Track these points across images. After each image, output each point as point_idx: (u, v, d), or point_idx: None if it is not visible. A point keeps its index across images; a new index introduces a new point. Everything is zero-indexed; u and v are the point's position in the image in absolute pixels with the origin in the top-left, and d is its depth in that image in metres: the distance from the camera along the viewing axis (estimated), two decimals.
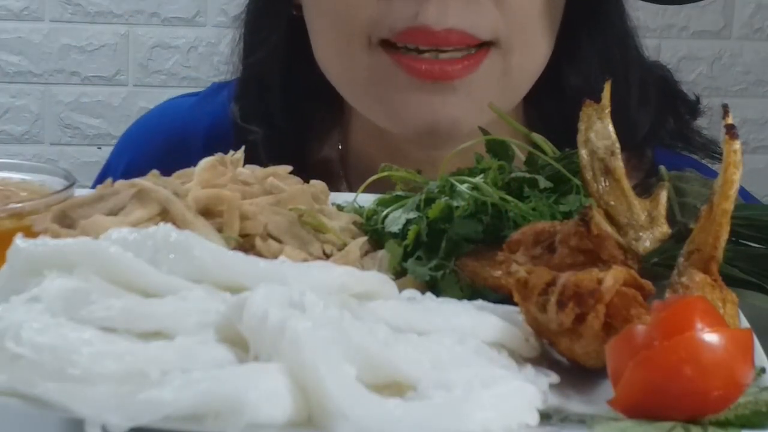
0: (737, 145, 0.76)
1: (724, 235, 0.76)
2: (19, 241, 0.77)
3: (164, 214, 0.89)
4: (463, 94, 1.21)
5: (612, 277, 0.76)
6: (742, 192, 1.31)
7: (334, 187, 1.20)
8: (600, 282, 0.76)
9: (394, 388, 0.68)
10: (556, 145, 1.05)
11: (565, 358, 0.80)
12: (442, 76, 1.19)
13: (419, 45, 1.18)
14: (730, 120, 0.76)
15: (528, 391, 0.69)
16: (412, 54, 1.19)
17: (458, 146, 1.10)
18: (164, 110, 1.54)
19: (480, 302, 0.85)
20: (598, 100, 0.93)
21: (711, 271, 0.75)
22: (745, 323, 0.81)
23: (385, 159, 1.20)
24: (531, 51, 1.23)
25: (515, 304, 0.81)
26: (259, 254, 0.88)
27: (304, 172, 1.09)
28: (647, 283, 0.78)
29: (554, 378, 0.75)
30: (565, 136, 1.04)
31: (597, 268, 0.78)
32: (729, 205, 0.75)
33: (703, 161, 1.37)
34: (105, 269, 0.73)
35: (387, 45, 1.21)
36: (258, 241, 0.89)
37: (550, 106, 1.32)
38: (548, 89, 1.31)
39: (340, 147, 1.39)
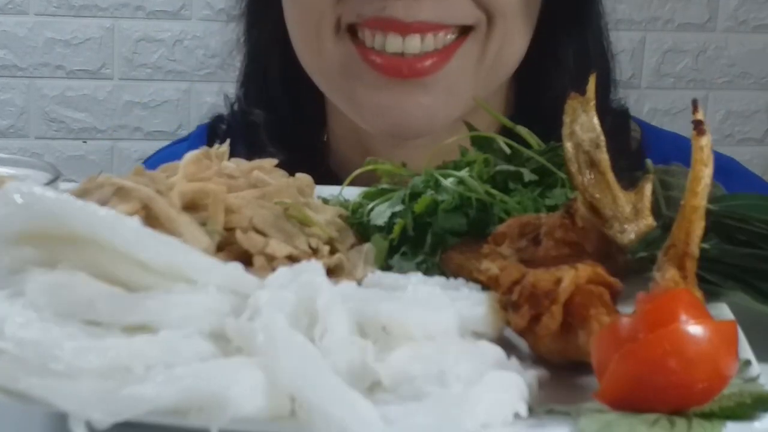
0: (704, 141, 0.75)
1: (697, 231, 0.75)
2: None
3: (147, 209, 0.88)
4: (436, 91, 1.20)
5: (569, 278, 0.76)
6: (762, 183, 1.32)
7: (321, 175, 1.22)
8: (559, 282, 0.76)
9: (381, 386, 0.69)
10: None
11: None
12: (411, 74, 1.18)
13: (387, 32, 1.18)
14: (699, 116, 0.75)
15: (517, 383, 0.70)
16: (378, 46, 1.19)
17: (431, 139, 1.11)
18: (161, 160, 1.56)
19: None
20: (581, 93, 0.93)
21: (685, 267, 0.75)
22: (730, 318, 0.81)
23: (360, 156, 1.20)
24: (510, 40, 1.22)
25: None
26: (240, 247, 0.88)
27: (300, 157, 1.09)
28: (615, 281, 0.79)
29: (541, 371, 0.75)
30: (547, 131, 1.04)
31: (567, 265, 0.78)
32: (698, 202, 0.75)
33: None
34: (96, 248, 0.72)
35: (354, 33, 1.20)
36: (239, 234, 0.89)
37: (532, 101, 1.32)
38: (529, 84, 1.31)
39: (325, 138, 1.39)
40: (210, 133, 1.47)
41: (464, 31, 1.20)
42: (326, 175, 1.29)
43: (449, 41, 1.19)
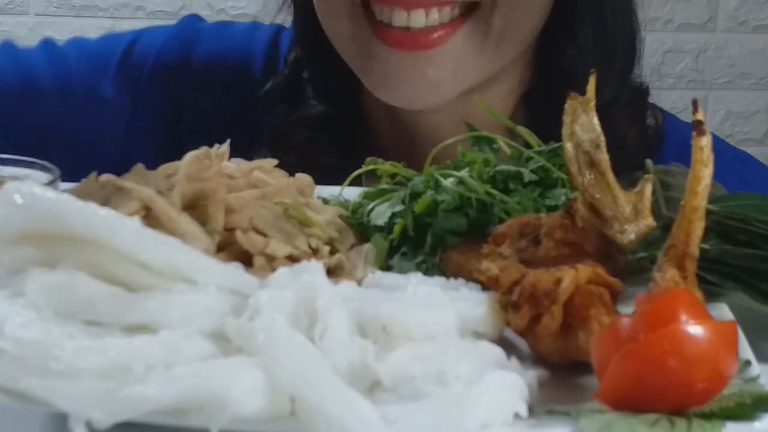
0: (704, 141, 0.75)
1: (697, 232, 0.76)
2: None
3: (148, 209, 0.88)
4: (441, 63, 1.22)
5: (569, 278, 0.77)
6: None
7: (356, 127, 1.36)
8: (559, 282, 0.76)
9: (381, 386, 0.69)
10: (548, 134, 1.04)
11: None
12: (415, 48, 1.21)
13: (393, 7, 1.20)
14: (699, 116, 0.76)
15: (518, 383, 0.70)
16: (386, 20, 1.21)
17: (454, 105, 1.19)
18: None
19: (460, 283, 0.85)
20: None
21: (685, 267, 0.76)
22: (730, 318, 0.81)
23: (388, 115, 1.29)
24: (517, 15, 1.23)
25: None
26: (240, 248, 0.88)
27: (339, 111, 1.27)
28: (615, 281, 0.79)
29: (541, 371, 0.75)
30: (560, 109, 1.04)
31: (567, 265, 0.78)
32: (698, 202, 0.75)
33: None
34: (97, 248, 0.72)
35: (367, 6, 1.23)
36: (239, 234, 0.89)
37: (548, 74, 1.32)
38: (547, 57, 1.32)
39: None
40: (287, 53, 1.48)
41: (471, 6, 1.21)
42: (361, 126, 1.38)
43: (455, 15, 1.21)
